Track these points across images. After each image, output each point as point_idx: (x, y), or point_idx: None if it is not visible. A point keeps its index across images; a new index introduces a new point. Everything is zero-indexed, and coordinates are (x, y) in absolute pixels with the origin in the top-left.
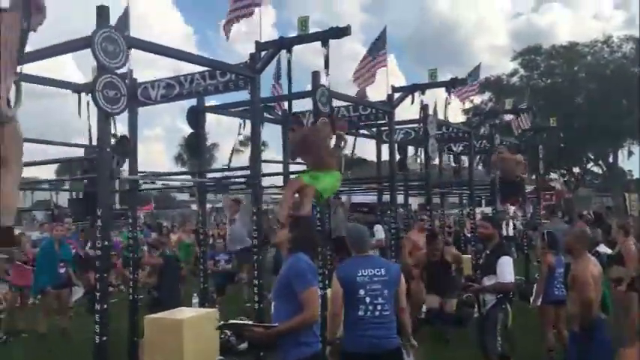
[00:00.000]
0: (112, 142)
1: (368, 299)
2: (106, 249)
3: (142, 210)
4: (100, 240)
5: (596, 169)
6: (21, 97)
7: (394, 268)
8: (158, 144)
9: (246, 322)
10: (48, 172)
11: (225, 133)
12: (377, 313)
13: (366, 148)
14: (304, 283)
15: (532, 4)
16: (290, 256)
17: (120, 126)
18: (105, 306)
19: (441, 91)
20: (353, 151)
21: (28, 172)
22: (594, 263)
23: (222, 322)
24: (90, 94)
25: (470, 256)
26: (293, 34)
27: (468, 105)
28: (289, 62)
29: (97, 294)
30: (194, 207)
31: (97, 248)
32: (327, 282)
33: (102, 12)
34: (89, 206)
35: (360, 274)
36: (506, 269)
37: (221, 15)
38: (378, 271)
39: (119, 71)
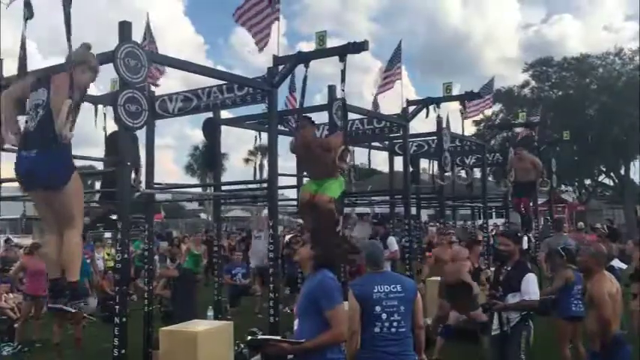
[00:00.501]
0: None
1: (384, 316)
2: (126, 262)
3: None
4: (120, 253)
5: (607, 182)
6: (75, 118)
7: (410, 284)
8: (168, 152)
9: (274, 337)
10: None
11: (234, 143)
12: (393, 329)
13: (376, 160)
14: (332, 301)
15: (542, 15)
16: (314, 274)
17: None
18: (124, 319)
19: (454, 104)
20: (369, 164)
21: None
22: (611, 280)
23: (250, 337)
24: (106, 107)
25: (483, 268)
26: (304, 44)
27: (479, 117)
28: (305, 77)
29: (117, 307)
30: (203, 216)
31: (117, 261)
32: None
33: (124, 27)
34: None
35: (376, 290)
36: (532, 287)
37: (232, 25)
38: (394, 287)
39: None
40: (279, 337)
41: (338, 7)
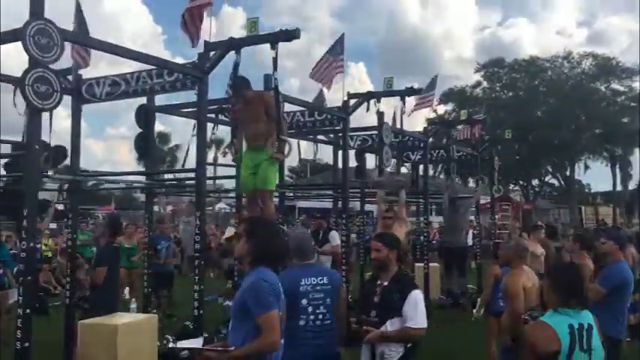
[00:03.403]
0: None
1: (310, 308)
2: (31, 251)
3: (102, 210)
4: (26, 241)
5: (554, 182)
6: None
7: (336, 276)
8: (124, 143)
9: (198, 346)
10: None
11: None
12: (318, 322)
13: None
14: (263, 306)
15: (498, 18)
16: (251, 272)
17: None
18: (27, 310)
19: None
20: (315, 156)
21: None
22: (528, 275)
23: (171, 345)
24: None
25: (422, 264)
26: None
27: (432, 115)
28: (237, 64)
29: (20, 298)
30: (155, 208)
31: (22, 250)
32: None
33: (35, 3)
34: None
35: (303, 283)
36: (420, 310)
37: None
38: (320, 280)
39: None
40: (203, 347)
41: (298, 2)
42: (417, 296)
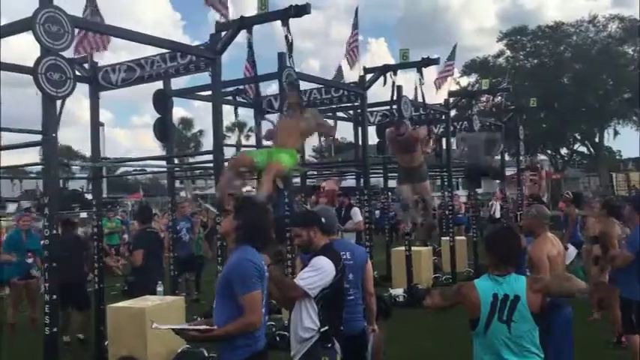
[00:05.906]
0: None
1: None
2: (54, 238)
3: (131, 198)
4: (48, 229)
5: (583, 150)
6: None
7: (360, 251)
8: (148, 131)
9: (181, 326)
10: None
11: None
12: None
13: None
14: (246, 286)
15: None
16: (235, 249)
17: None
18: (54, 297)
19: (428, 74)
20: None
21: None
22: (552, 242)
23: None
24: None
25: (448, 238)
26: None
27: (454, 87)
28: (250, 44)
29: (46, 285)
30: (182, 194)
31: (45, 237)
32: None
33: None
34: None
35: None
36: (309, 273)
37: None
38: (343, 255)
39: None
40: (187, 326)
41: None
42: (315, 261)
